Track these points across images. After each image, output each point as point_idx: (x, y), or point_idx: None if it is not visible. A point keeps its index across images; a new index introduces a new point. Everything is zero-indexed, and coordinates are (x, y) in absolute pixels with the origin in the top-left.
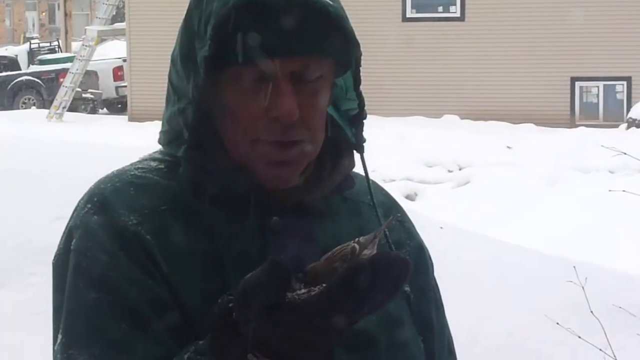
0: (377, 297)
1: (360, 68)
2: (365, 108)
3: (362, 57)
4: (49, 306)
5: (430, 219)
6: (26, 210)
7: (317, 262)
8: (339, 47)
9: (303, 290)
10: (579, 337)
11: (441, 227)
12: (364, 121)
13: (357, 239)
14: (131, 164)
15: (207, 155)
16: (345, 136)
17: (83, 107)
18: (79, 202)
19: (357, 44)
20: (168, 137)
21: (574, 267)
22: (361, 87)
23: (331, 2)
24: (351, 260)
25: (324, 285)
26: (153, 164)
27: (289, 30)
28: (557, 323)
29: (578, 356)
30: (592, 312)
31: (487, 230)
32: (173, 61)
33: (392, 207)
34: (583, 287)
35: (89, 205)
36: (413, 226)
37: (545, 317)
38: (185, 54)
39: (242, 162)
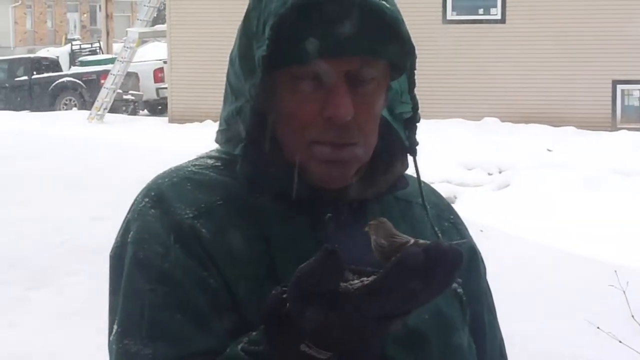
0: (430, 287)
1: (415, 71)
2: (419, 111)
3: None
4: (88, 305)
5: (470, 221)
6: (65, 210)
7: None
8: (394, 49)
9: (356, 281)
10: (620, 341)
11: (481, 230)
12: (417, 124)
13: (417, 239)
14: (188, 161)
15: (262, 154)
16: (399, 139)
17: (124, 108)
18: (137, 196)
19: (412, 47)
20: (225, 136)
21: (615, 271)
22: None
23: (388, 5)
24: (400, 249)
25: (376, 276)
26: (210, 161)
27: (345, 31)
28: (598, 327)
29: None
30: (632, 316)
31: (527, 233)
32: (231, 61)
33: (444, 209)
34: (624, 291)
35: (147, 199)
36: (466, 229)
37: (585, 321)
38: (243, 54)
39: (296, 160)
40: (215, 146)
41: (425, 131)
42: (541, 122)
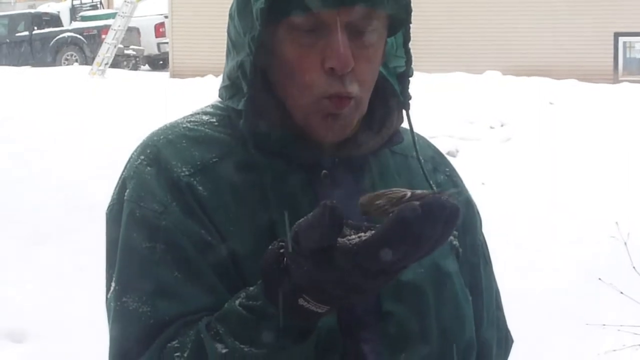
0: (428, 241)
1: (410, 25)
2: (412, 65)
3: None
4: (91, 261)
5: (472, 175)
6: (68, 168)
7: (365, 196)
8: (392, 1)
9: (354, 236)
10: (621, 292)
11: (483, 183)
12: (410, 78)
13: (413, 190)
14: (183, 117)
15: (263, 109)
16: (394, 93)
17: (125, 63)
18: (132, 153)
19: (409, 0)
20: (229, 92)
21: (616, 222)
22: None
23: None
24: (398, 204)
25: (374, 231)
26: (205, 117)
27: None
28: (599, 279)
29: (621, 312)
30: (634, 267)
31: (529, 186)
32: (231, 16)
33: (440, 162)
34: (625, 243)
35: (142, 157)
36: (461, 181)
37: (587, 273)
38: (242, 7)
39: (298, 116)
40: (211, 101)
41: (427, 86)
42: (543, 75)
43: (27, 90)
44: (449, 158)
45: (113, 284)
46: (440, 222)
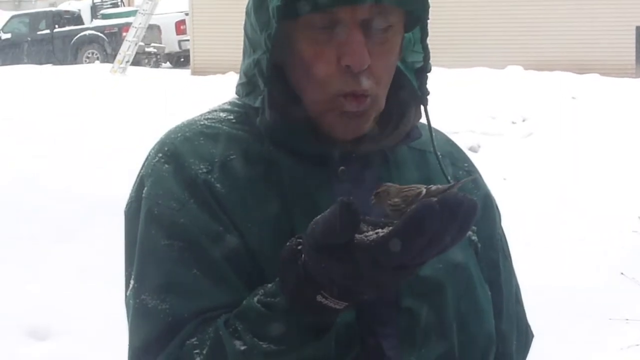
0: (445, 237)
1: (429, 21)
2: (430, 61)
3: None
4: (113, 258)
5: (493, 170)
6: (89, 166)
7: (382, 185)
8: None
9: (371, 232)
10: None
11: (504, 179)
12: (428, 74)
13: (428, 186)
14: (200, 115)
15: (280, 106)
16: (411, 88)
17: (146, 61)
18: (150, 151)
19: None
20: (246, 89)
21: (639, 217)
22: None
23: None
24: (414, 201)
25: (391, 227)
26: (222, 114)
27: None
28: (622, 273)
29: None
30: None
31: (551, 181)
32: (247, 13)
33: (459, 158)
34: None
35: (160, 155)
36: (480, 176)
37: (610, 267)
38: (258, 5)
39: (315, 112)
40: (229, 99)
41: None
42: (565, 69)
43: (48, 88)
44: (471, 153)
45: (132, 282)
46: (457, 218)
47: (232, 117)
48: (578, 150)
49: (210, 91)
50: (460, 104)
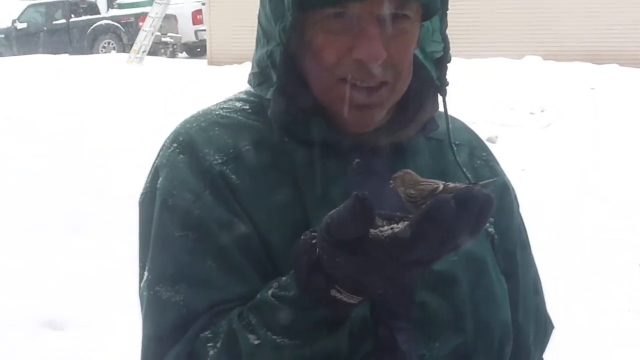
0: (460, 233)
1: (448, 11)
2: (450, 52)
3: None
4: (127, 252)
5: (512, 161)
6: (105, 157)
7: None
8: None
9: (386, 227)
10: None
11: (522, 170)
12: (448, 64)
13: (447, 183)
14: (216, 104)
15: (293, 98)
16: (430, 79)
17: (163, 51)
18: (165, 141)
19: None
20: (258, 80)
21: None
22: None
23: None
24: (430, 196)
25: (406, 222)
26: (238, 104)
27: None
28: None
29: None
30: None
31: (569, 173)
32: (262, 3)
33: (477, 147)
34: None
35: (175, 145)
36: (498, 165)
37: (630, 260)
38: None
39: (326, 103)
40: (245, 88)
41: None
42: (584, 60)
43: (65, 78)
44: (489, 144)
45: (146, 273)
46: (473, 214)
47: (247, 107)
48: (597, 141)
49: (226, 81)
50: (479, 94)
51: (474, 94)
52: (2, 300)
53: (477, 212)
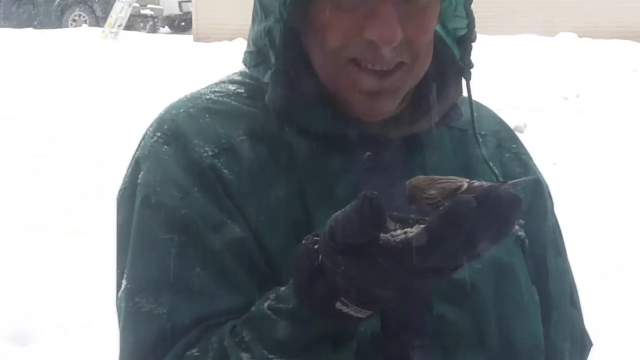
0: (483, 239)
1: None
2: (475, 29)
3: None
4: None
5: (542, 154)
6: (78, 152)
7: (415, 177)
8: None
9: (399, 231)
10: None
11: (554, 164)
12: (473, 44)
13: (472, 181)
14: (207, 87)
15: (295, 82)
16: (452, 60)
17: (142, 25)
18: (147, 129)
19: None
20: (254, 60)
21: None
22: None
23: None
24: (452, 196)
25: (422, 225)
26: (232, 87)
27: None
28: None
29: None
30: None
31: (607, 166)
32: None
33: (506, 137)
34: None
35: (159, 134)
36: (531, 159)
37: None
38: None
39: (333, 89)
40: (239, 68)
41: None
42: (625, 37)
43: (29, 56)
44: (516, 134)
45: (124, 282)
46: (497, 217)
47: (242, 90)
48: (637, 129)
49: (215, 60)
50: (504, 76)
51: (499, 76)
52: (3, 301)
53: (502, 215)
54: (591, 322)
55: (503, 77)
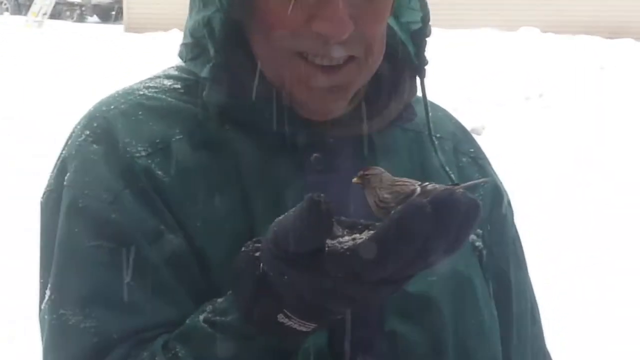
0: (438, 246)
1: None
2: (430, 23)
3: None
4: None
5: (501, 157)
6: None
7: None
8: None
9: (347, 238)
10: None
11: (514, 168)
12: (427, 39)
13: (425, 183)
14: (140, 82)
15: (236, 77)
16: (406, 56)
17: (68, 13)
18: (75, 127)
19: None
20: (192, 53)
21: None
22: None
23: None
24: (405, 201)
25: (372, 232)
26: (167, 82)
27: None
28: None
29: None
30: None
31: (572, 171)
32: None
33: (463, 140)
34: None
35: (88, 132)
36: (488, 163)
37: None
38: None
39: (278, 85)
40: (176, 62)
41: (446, 44)
42: (591, 33)
43: None
44: (474, 136)
45: (48, 292)
46: (453, 222)
47: (179, 86)
48: (606, 132)
49: (149, 53)
50: (461, 73)
51: (455, 73)
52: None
53: (459, 221)
54: (561, 317)
55: (459, 74)
